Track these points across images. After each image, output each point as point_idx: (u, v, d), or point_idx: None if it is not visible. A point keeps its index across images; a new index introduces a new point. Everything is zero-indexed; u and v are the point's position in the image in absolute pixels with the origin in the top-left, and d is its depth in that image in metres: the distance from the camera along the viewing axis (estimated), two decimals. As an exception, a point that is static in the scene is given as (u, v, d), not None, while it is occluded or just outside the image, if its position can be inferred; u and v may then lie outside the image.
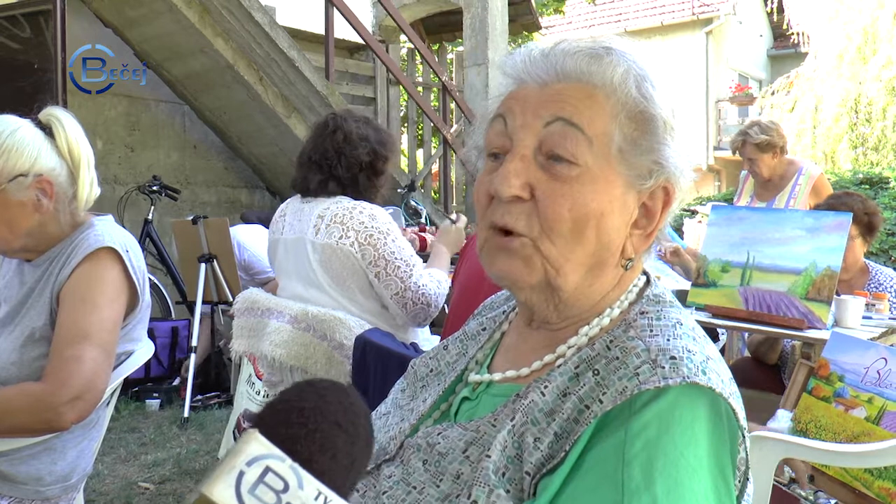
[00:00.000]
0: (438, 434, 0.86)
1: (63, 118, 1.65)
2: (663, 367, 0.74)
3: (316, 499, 0.57)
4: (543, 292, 0.85)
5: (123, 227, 1.80)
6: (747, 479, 0.79)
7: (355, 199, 2.40)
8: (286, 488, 0.56)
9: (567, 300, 0.86)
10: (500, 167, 0.83)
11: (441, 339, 2.29)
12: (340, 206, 2.35)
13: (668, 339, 0.79)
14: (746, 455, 0.78)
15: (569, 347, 0.85)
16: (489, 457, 0.78)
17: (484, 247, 0.86)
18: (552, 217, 0.80)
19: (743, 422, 0.77)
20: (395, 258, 2.31)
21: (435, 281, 2.42)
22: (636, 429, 0.71)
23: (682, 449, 0.70)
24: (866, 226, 3.00)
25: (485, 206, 0.85)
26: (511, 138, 0.84)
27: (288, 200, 2.58)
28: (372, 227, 2.30)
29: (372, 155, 2.42)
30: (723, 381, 0.76)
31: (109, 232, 1.67)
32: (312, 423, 0.62)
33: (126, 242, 1.68)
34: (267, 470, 0.56)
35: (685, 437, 0.71)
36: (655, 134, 0.83)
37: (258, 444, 0.57)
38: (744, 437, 0.77)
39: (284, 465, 0.57)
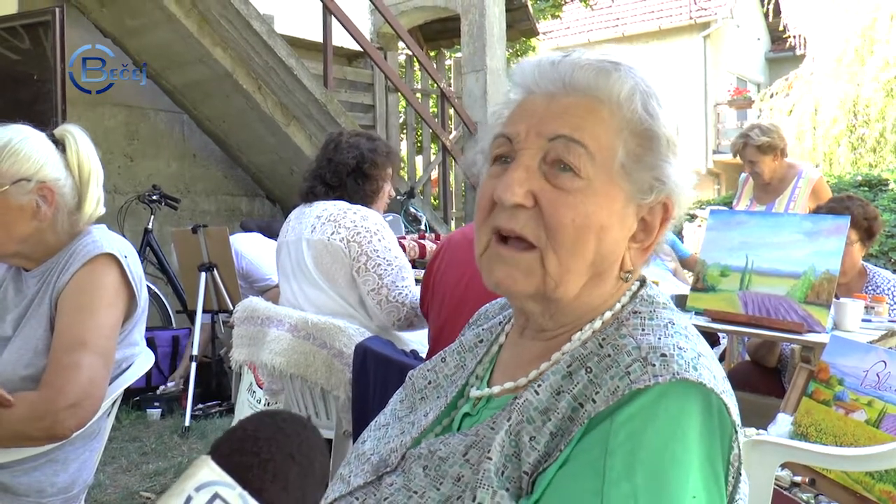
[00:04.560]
0: (440, 443, 0.87)
1: (77, 135, 1.69)
2: (654, 365, 0.75)
3: None
4: (540, 302, 0.86)
5: (124, 236, 1.81)
6: (740, 475, 0.79)
7: (351, 203, 2.50)
8: None
9: (564, 308, 0.86)
10: (504, 173, 0.84)
11: (428, 345, 2.31)
12: (337, 207, 2.46)
13: (660, 338, 0.79)
14: (740, 451, 0.78)
15: (563, 354, 0.86)
16: (490, 458, 0.79)
17: (484, 253, 0.87)
18: (556, 226, 0.81)
19: (736, 417, 0.77)
20: (378, 256, 2.38)
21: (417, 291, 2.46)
22: (622, 419, 0.73)
23: (666, 440, 0.71)
24: (866, 231, 2.99)
25: (487, 212, 0.86)
26: (515, 150, 0.85)
27: (296, 208, 2.66)
28: (362, 226, 2.40)
29: (359, 159, 2.52)
30: (714, 377, 0.77)
31: (106, 238, 1.69)
32: (266, 453, 0.63)
33: (123, 248, 1.69)
34: (215, 496, 0.57)
35: (670, 429, 0.72)
36: (658, 151, 0.85)
37: (209, 470, 0.59)
38: (736, 432, 0.77)
39: (234, 492, 0.59)
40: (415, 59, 7.47)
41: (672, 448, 0.71)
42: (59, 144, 1.67)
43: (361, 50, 6.60)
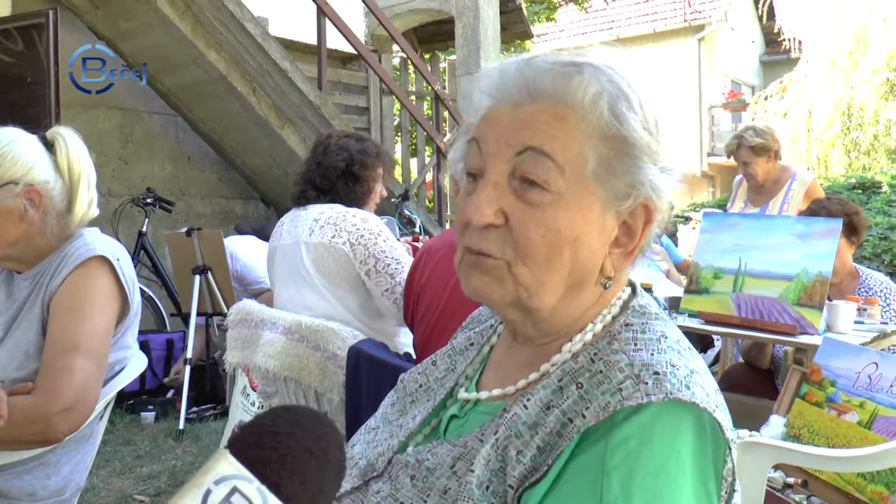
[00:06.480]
0: (428, 451, 0.86)
1: (67, 136, 1.68)
2: (646, 383, 0.74)
3: None
4: (519, 311, 0.85)
5: (118, 239, 1.81)
6: (734, 490, 0.80)
7: (346, 206, 2.49)
8: None
9: (545, 319, 0.85)
10: (474, 192, 0.83)
11: (413, 349, 2.31)
12: (335, 209, 2.45)
13: (653, 354, 0.78)
14: (733, 466, 0.78)
15: (552, 365, 0.85)
16: (473, 471, 0.78)
17: (460, 264, 0.86)
18: (525, 243, 0.79)
19: (729, 434, 0.77)
20: (386, 256, 2.39)
21: None
22: (617, 440, 0.72)
23: (661, 461, 0.71)
24: (848, 226, 2.99)
25: (461, 230, 0.85)
26: (485, 162, 0.83)
27: (289, 212, 2.64)
28: (364, 228, 2.40)
29: (348, 161, 2.52)
30: (707, 394, 0.76)
31: (99, 241, 1.69)
32: (284, 447, 0.63)
33: (115, 251, 1.69)
34: (234, 490, 0.57)
35: (665, 450, 0.71)
36: (631, 156, 0.81)
37: (227, 464, 0.58)
38: (730, 449, 0.77)
39: (252, 486, 0.58)
40: (409, 62, 7.47)
41: (667, 469, 0.71)
42: (50, 146, 1.66)
43: (356, 52, 6.59)
